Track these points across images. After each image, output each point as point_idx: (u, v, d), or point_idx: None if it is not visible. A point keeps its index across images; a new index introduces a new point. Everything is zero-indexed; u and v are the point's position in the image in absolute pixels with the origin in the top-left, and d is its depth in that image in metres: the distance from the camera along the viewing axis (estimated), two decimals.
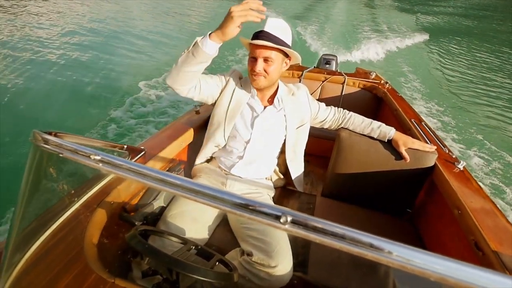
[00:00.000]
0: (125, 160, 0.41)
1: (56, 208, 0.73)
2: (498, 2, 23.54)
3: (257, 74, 1.11)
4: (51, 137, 0.47)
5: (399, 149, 1.23)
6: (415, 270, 0.31)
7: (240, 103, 1.22)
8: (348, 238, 0.31)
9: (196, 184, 0.37)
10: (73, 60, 4.96)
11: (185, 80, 1.06)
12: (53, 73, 4.43)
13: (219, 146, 1.27)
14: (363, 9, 14.78)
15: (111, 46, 5.87)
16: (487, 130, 4.06)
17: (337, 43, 7.56)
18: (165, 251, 0.64)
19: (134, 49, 5.88)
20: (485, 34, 11.45)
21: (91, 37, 6.10)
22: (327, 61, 2.46)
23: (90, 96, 3.99)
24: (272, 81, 1.17)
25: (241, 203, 0.35)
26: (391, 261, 0.31)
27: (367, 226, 1.26)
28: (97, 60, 5.11)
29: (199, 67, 1.02)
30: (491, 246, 0.82)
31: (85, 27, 6.73)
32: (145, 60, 5.44)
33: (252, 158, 1.24)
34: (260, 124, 1.22)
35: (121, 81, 4.49)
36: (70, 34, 6.12)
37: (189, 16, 9.90)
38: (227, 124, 1.22)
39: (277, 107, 1.24)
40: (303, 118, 1.29)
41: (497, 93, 5.57)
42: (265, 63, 1.10)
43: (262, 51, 1.08)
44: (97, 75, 4.56)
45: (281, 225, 0.33)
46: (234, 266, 0.75)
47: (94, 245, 0.76)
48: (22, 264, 0.63)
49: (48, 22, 6.77)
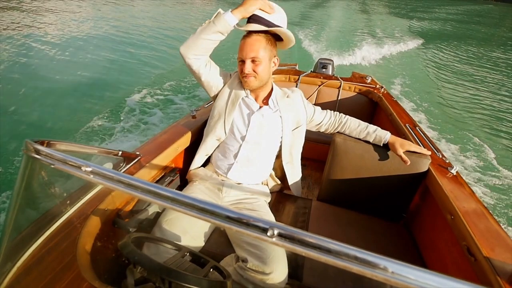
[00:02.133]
0: (115, 172, 0.41)
1: (49, 215, 0.73)
2: (493, 8, 23.91)
3: (247, 75, 1.14)
4: (43, 148, 0.46)
5: (397, 152, 1.22)
6: (409, 286, 0.31)
7: (239, 97, 1.24)
8: (335, 252, 0.32)
9: (186, 196, 0.38)
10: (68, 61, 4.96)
11: (198, 49, 1.13)
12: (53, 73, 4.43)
13: (220, 139, 1.28)
14: (359, 15, 14.93)
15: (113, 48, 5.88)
16: (482, 135, 4.10)
17: (334, 48, 7.63)
18: (159, 258, 0.63)
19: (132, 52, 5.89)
20: (480, 39, 11.62)
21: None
22: (323, 65, 2.49)
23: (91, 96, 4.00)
24: (263, 81, 1.19)
25: (230, 216, 0.35)
26: (375, 274, 0.31)
27: (362, 231, 1.27)
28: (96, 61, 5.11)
29: (216, 36, 1.11)
30: (483, 252, 0.82)
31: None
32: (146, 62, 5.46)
33: (248, 160, 1.24)
34: (256, 121, 1.22)
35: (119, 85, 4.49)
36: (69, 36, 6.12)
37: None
38: (227, 115, 1.24)
39: (273, 108, 1.25)
40: (299, 120, 1.30)
41: (491, 98, 5.64)
42: (253, 63, 1.13)
43: (249, 52, 1.12)
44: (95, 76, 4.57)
45: (268, 238, 0.33)
46: (228, 273, 0.75)
47: (87, 253, 0.75)
48: (13, 273, 0.62)
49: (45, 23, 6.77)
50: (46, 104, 3.71)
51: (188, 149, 1.41)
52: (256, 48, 1.11)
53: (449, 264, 1.05)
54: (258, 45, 1.11)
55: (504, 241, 0.88)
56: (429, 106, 4.81)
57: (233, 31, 1.13)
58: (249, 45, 1.11)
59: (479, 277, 0.83)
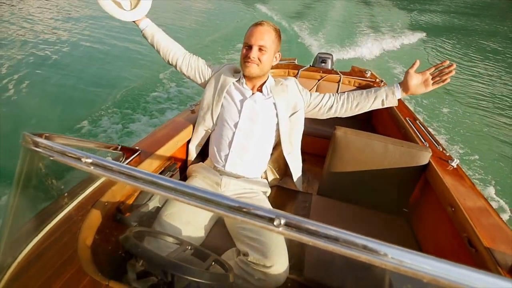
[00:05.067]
0: (116, 163, 0.40)
1: (49, 210, 0.72)
2: (495, 2, 23.75)
3: (251, 61, 1.15)
4: (41, 140, 0.46)
5: (419, 89, 1.13)
6: (408, 271, 0.31)
7: (227, 84, 1.26)
8: (342, 240, 0.31)
9: (189, 186, 0.37)
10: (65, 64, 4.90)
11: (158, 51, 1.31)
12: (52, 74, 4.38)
13: (209, 129, 1.30)
14: (359, 7, 14.80)
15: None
16: (484, 128, 4.11)
17: (333, 42, 7.57)
18: (161, 252, 0.63)
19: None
20: (482, 33, 11.55)
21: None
22: (322, 60, 2.47)
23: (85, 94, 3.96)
24: (264, 71, 1.20)
25: (235, 206, 0.35)
26: (384, 262, 0.31)
27: (363, 224, 1.27)
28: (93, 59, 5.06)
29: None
30: (484, 243, 0.83)
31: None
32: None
33: (242, 147, 1.23)
34: (249, 107, 1.22)
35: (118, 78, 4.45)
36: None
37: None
38: (215, 105, 1.26)
39: (266, 95, 1.25)
40: (295, 105, 1.28)
41: (492, 92, 5.63)
42: (260, 52, 1.14)
43: (258, 39, 1.13)
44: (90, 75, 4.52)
45: (274, 227, 0.33)
46: (229, 266, 0.75)
47: (88, 247, 0.75)
48: (14, 268, 0.62)
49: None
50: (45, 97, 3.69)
51: (187, 143, 1.41)
52: (266, 37, 1.13)
53: (449, 256, 1.05)
54: (269, 36, 1.14)
55: (505, 232, 0.88)
56: (429, 100, 4.80)
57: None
58: (260, 33, 1.13)
59: (480, 268, 0.84)
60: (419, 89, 1.14)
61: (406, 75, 1.16)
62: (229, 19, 9.17)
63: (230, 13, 10.47)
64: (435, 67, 1.11)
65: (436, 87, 1.12)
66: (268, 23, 1.16)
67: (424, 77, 1.12)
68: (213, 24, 8.44)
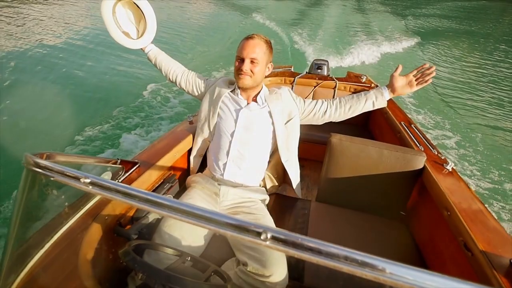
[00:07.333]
0: (113, 182, 0.42)
1: (50, 226, 0.73)
2: (489, 4, 24.04)
3: (244, 73, 1.19)
4: (42, 161, 0.48)
5: (404, 89, 1.21)
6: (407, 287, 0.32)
7: (222, 95, 1.30)
8: (325, 253, 0.33)
9: (183, 204, 0.39)
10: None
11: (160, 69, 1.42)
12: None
13: (207, 139, 1.34)
14: (354, 14, 14.99)
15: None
16: (478, 132, 4.11)
17: (329, 48, 7.65)
18: (160, 264, 0.65)
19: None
20: (476, 36, 11.66)
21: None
22: (318, 66, 2.51)
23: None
24: (257, 82, 1.24)
25: (225, 221, 0.36)
26: (365, 274, 0.32)
27: (362, 229, 1.28)
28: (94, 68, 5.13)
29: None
30: (480, 247, 0.84)
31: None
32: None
33: (240, 156, 1.25)
34: (244, 116, 1.26)
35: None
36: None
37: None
38: (211, 116, 1.31)
39: (261, 104, 1.28)
40: (290, 112, 1.31)
41: (487, 94, 5.65)
42: (252, 64, 1.18)
43: (250, 52, 1.17)
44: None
45: (262, 241, 0.35)
46: (228, 277, 0.76)
47: (89, 262, 0.76)
48: (16, 285, 0.63)
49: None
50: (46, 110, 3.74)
51: (186, 154, 1.43)
52: (258, 50, 1.17)
53: (447, 260, 1.06)
54: (260, 48, 1.18)
55: (500, 235, 0.89)
56: (424, 104, 4.83)
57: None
58: (252, 46, 1.17)
59: (476, 272, 0.84)
60: (404, 89, 1.23)
61: (391, 78, 1.25)
62: (227, 31, 9.24)
63: (227, 24, 10.57)
64: (417, 70, 1.21)
65: (420, 87, 1.21)
66: (259, 35, 1.20)
67: (408, 79, 1.22)
68: (213, 39, 8.48)
